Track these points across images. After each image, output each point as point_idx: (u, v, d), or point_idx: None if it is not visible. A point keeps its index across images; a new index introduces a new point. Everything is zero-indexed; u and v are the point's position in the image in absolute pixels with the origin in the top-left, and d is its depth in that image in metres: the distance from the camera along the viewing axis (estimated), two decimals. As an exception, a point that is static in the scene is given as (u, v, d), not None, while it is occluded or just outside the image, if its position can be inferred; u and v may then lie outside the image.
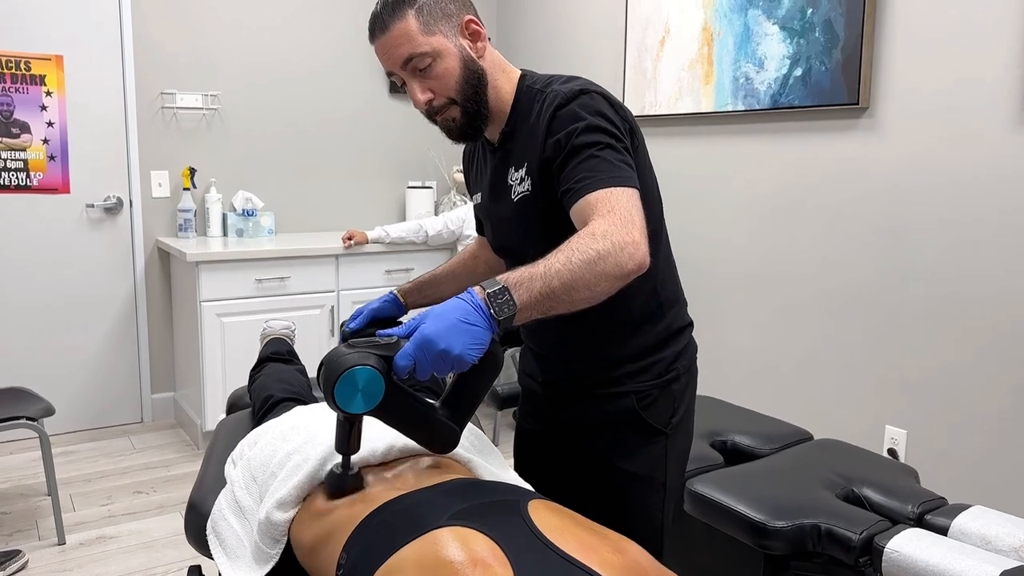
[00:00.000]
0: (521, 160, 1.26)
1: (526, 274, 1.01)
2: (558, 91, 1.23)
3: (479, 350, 0.96)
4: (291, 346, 2.23)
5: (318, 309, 3.68)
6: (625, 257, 1.04)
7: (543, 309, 1.01)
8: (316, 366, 1.08)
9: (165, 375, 3.92)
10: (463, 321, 0.95)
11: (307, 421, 1.28)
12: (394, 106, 4.29)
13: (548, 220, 1.23)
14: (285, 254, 3.59)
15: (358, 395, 0.98)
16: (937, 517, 1.76)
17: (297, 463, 1.17)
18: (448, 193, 4.35)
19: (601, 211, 1.09)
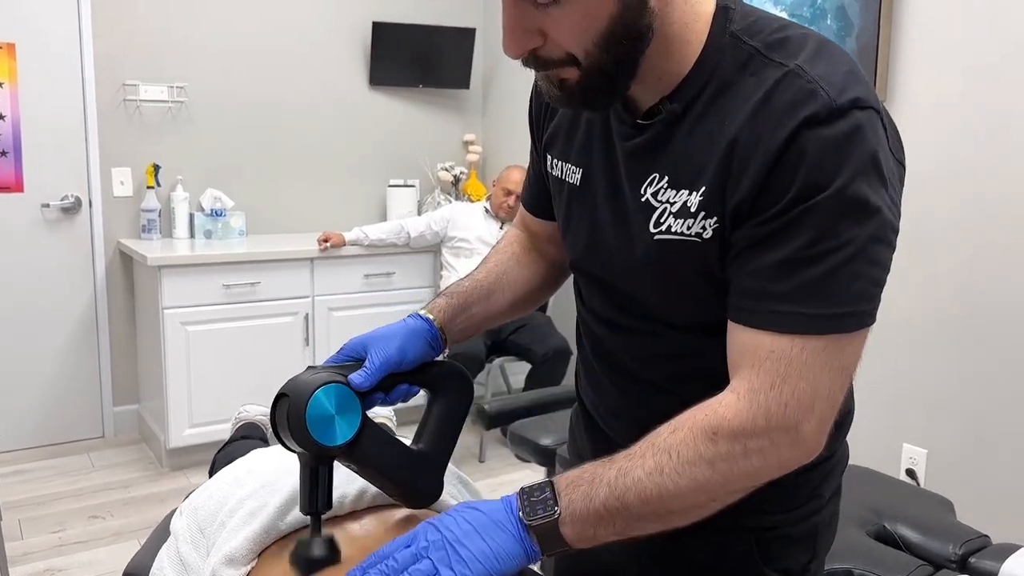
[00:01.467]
0: (692, 173, 0.77)
1: (587, 474, 0.74)
2: (806, 82, 0.70)
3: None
4: (264, 434, 2.02)
5: (291, 316, 3.44)
6: (773, 473, 0.73)
7: (615, 528, 0.73)
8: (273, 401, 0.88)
9: (128, 386, 3.67)
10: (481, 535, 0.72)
11: (266, 464, 1.06)
12: (375, 98, 4.06)
13: (712, 282, 0.79)
14: (256, 257, 3.35)
15: (334, 421, 0.81)
16: (984, 560, 1.56)
17: (251, 511, 0.95)
18: (432, 192, 4.12)
19: (767, 380, 0.70)
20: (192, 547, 1.01)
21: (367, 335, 0.89)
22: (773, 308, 0.71)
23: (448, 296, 1.01)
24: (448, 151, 4.26)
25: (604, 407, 1.00)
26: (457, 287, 1.03)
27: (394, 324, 0.92)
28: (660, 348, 0.89)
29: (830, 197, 0.68)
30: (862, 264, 0.70)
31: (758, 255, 0.72)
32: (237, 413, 2.14)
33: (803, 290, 0.70)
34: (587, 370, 1.02)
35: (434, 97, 4.20)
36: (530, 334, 3.35)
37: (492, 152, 4.30)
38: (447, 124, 4.27)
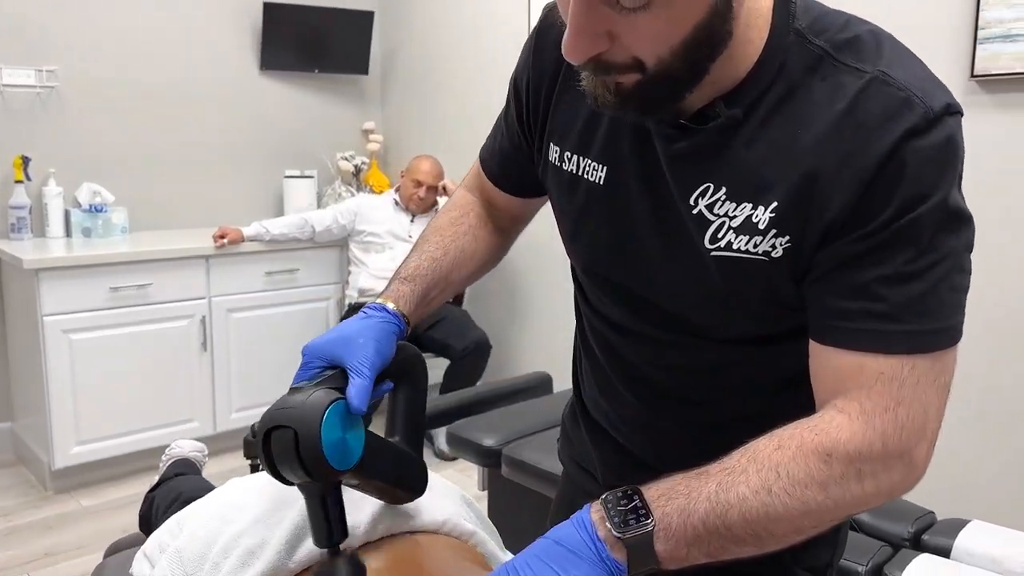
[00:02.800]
0: (758, 186, 0.70)
1: (682, 486, 0.67)
2: (897, 90, 0.66)
3: None
4: (199, 471, 1.85)
5: (186, 320, 3.20)
6: (883, 499, 0.68)
7: (709, 549, 0.66)
8: (259, 430, 0.75)
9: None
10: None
11: (254, 496, 0.94)
12: (266, 84, 3.82)
13: (773, 299, 0.74)
14: (145, 256, 3.08)
15: (345, 441, 0.74)
16: (936, 537, 1.61)
17: (249, 549, 0.84)
18: (332, 183, 3.93)
19: (880, 403, 0.66)
20: None
21: (331, 340, 0.80)
22: (878, 328, 0.66)
23: (410, 283, 0.92)
24: (347, 140, 4.08)
25: (619, 417, 0.93)
26: (417, 270, 0.93)
27: (357, 322, 0.83)
28: (694, 360, 0.83)
29: (931, 210, 0.65)
30: (957, 275, 0.68)
31: (854, 273, 0.67)
32: (168, 449, 1.98)
33: (908, 307, 0.66)
34: (598, 378, 0.95)
35: (331, 83, 4.01)
36: (448, 329, 3.25)
37: (394, 141, 4.15)
38: (345, 112, 4.09)
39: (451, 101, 3.78)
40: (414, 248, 0.98)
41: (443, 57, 3.80)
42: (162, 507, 1.43)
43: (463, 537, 0.93)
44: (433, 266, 0.94)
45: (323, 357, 0.79)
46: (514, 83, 0.94)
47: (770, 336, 0.78)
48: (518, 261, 3.55)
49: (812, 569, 0.91)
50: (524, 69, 0.91)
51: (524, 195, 1.00)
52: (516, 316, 3.61)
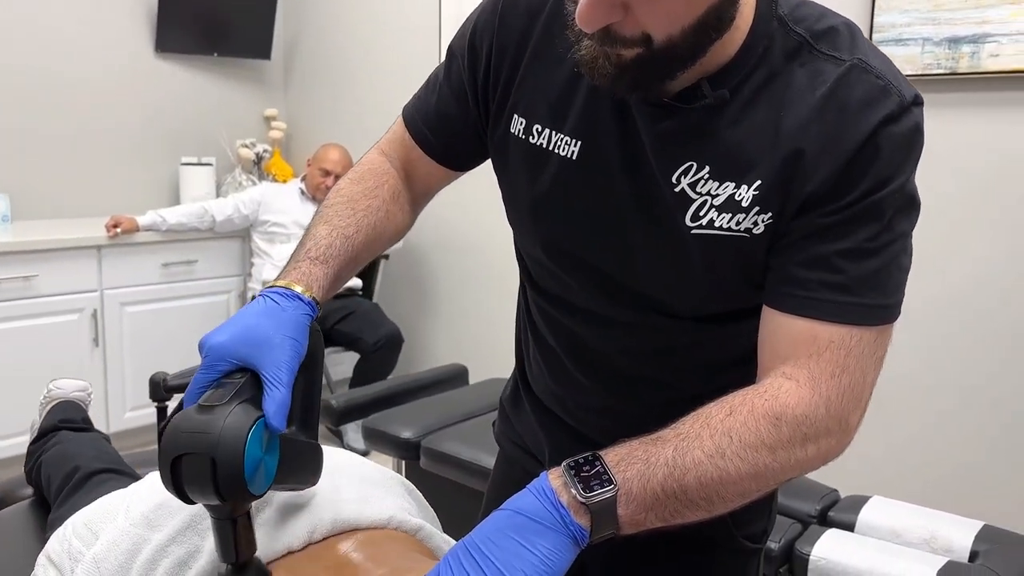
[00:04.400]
0: (741, 166, 0.73)
1: (639, 451, 0.68)
2: (875, 78, 0.70)
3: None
4: (86, 413, 1.71)
5: (76, 314, 3.01)
6: (819, 463, 0.71)
7: (665, 512, 0.68)
8: (166, 452, 0.67)
9: None
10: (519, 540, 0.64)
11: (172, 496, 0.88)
12: (162, 67, 3.64)
13: (748, 276, 0.76)
14: (30, 247, 2.88)
15: (263, 464, 0.68)
16: (841, 513, 1.69)
17: (179, 559, 0.79)
18: (232, 172, 3.79)
19: (827, 369, 0.69)
20: None
21: (240, 338, 0.70)
22: (834, 298, 0.70)
23: (323, 264, 0.82)
24: (248, 127, 3.93)
25: (576, 403, 0.93)
26: (329, 249, 0.84)
27: (267, 315, 0.73)
28: (659, 342, 0.84)
29: (894, 192, 0.70)
30: (904, 257, 0.73)
31: (817, 245, 0.71)
32: (46, 392, 1.76)
33: (863, 281, 0.70)
34: (550, 365, 0.94)
35: (231, 68, 3.86)
36: (358, 322, 3.19)
37: (297, 129, 4.03)
38: (246, 98, 3.94)
39: (357, 89, 3.71)
40: (320, 218, 0.87)
41: (349, 43, 3.72)
42: (55, 479, 1.29)
43: (409, 532, 0.90)
44: (346, 245, 0.85)
45: (230, 359, 0.70)
46: (470, 46, 0.88)
47: (737, 314, 0.80)
48: (429, 252, 3.52)
49: (750, 536, 0.95)
50: (486, 32, 0.86)
51: (452, 165, 0.95)
52: (427, 309, 3.58)
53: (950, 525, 1.59)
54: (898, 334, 0.75)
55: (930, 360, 2.29)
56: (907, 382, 2.30)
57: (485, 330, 3.32)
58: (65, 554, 0.91)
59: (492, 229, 3.19)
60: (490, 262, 3.28)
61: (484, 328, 3.33)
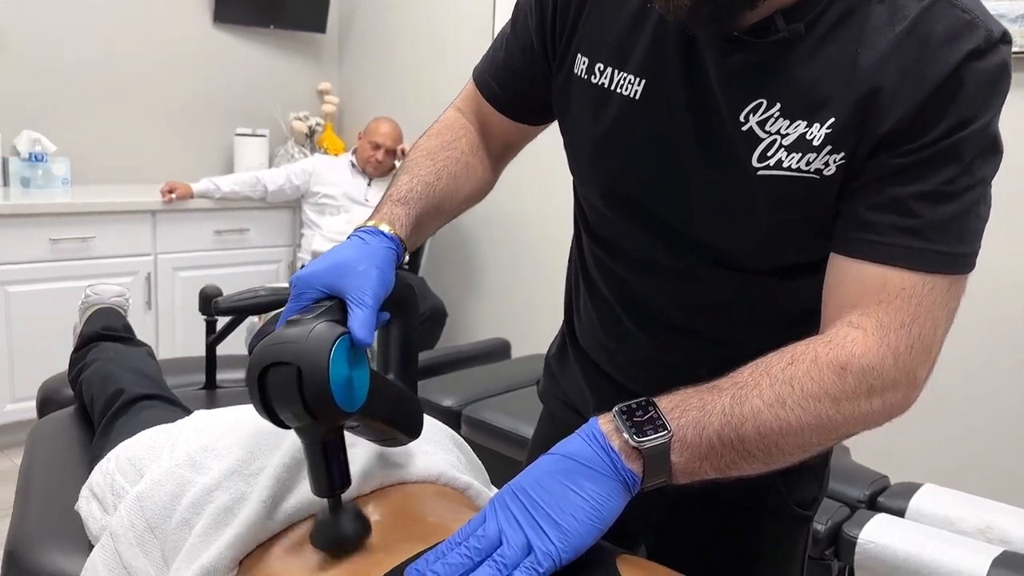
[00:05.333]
0: (815, 103, 0.70)
1: (695, 399, 0.66)
2: (961, 12, 0.66)
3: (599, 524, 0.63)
4: (126, 319, 1.72)
5: (130, 276, 3.08)
6: (883, 418, 0.68)
7: (721, 463, 0.66)
8: (253, 367, 0.66)
9: (-75, 358, 3.13)
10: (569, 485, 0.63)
11: (223, 436, 0.86)
12: (219, 37, 3.68)
13: (815, 222, 0.73)
14: (88, 208, 2.95)
15: (352, 380, 0.66)
16: (891, 499, 1.64)
17: (225, 505, 0.77)
18: (285, 144, 3.83)
19: (897, 318, 0.66)
20: (140, 551, 0.81)
21: (327, 268, 0.71)
22: (908, 244, 0.67)
23: (404, 205, 0.83)
24: (302, 100, 3.96)
25: (624, 356, 0.91)
26: (410, 192, 0.85)
27: (353, 247, 0.75)
28: (716, 294, 0.82)
29: (976, 133, 0.66)
30: (983, 205, 0.69)
31: (894, 187, 0.68)
32: (84, 298, 1.74)
33: (938, 227, 0.67)
34: (601, 315, 0.92)
35: (286, 40, 3.89)
36: (402, 294, 3.20)
37: (349, 104, 4.05)
38: (301, 70, 3.98)
39: (411, 64, 3.71)
40: (401, 171, 0.89)
41: (404, 18, 3.72)
42: (98, 401, 1.28)
43: (458, 490, 0.88)
44: (427, 191, 0.86)
45: (318, 287, 0.71)
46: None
47: (800, 268, 0.77)
48: (475, 228, 3.51)
49: (801, 503, 0.92)
50: None
51: (524, 119, 0.95)
52: (472, 284, 3.58)
53: (1007, 515, 1.54)
54: (963, 314, 0.71)
55: (995, 346, 2.20)
56: (970, 367, 2.22)
57: (528, 307, 3.31)
58: (108, 489, 0.91)
59: (538, 207, 3.17)
60: (535, 240, 3.26)
61: (528, 305, 3.31)
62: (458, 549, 0.62)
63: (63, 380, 1.57)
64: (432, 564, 0.61)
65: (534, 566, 0.60)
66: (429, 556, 0.62)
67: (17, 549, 0.97)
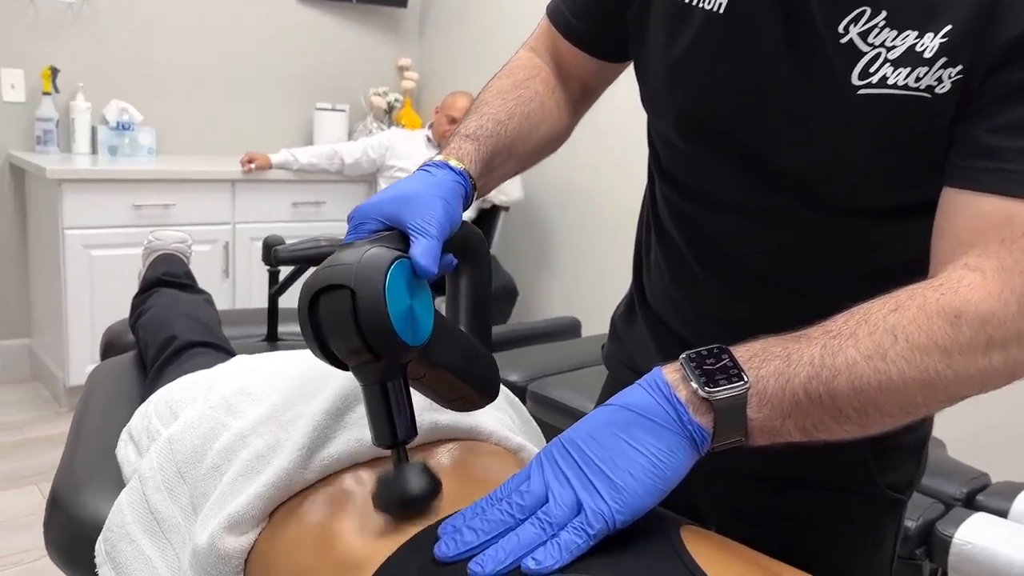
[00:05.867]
0: (926, 10, 0.61)
1: (777, 347, 0.58)
2: None
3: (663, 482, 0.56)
4: (188, 267, 1.70)
5: (209, 245, 3.12)
6: (1005, 379, 0.58)
7: (807, 422, 0.57)
8: (303, 296, 0.59)
9: (18, 318, 3.26)
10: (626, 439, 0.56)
11: (262, 382, 0.82)
12: (304, 13, 3.71)
13: (926, 149, 0.64)
14: (170, 176, 3.01)
15: (413, 311, 0.59)
16: (991, 499, 1.50)
17: (258, 452, 0.73)
18: (364, 119, 3.83)
19: (1023, 260, 0.57)
20: (167, 495, 0.77)
21: (388, 198, 0.65)
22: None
23: (474, 141, 0.75)
24: (382, 76, 3.96)
25: (697, 311, 0.82)
26: (480, 129, 0.77)
27: (418, 178, 0.68)
28: (805, 239, 0.72)
29: None
30: None
31: (1017, 107, 0.58)
32: (147, 243, 1.72)
33: None
34: (672, 266, 0.83)
35: (368, 15, 3.89)
36: (474, 271, 3.16)
37: (428, 80, 4.03)
38: (381, 46, 3.97)
39: (491, 41, 3.65)
40: (471, 111, 0.81)
41: (485, -7, 3.67)
42: (151, 347, 1.27)
43: (510, 450, 0.82)
44: (498, 129, 0.77)
45: (377, 218, 0.63)
46: None
47: (905, 208, 0.67)
48: (549, 206, 3.44)
49: (893, 485, 0.82)
50: None
51: (602, 54, 0.86)
52: (543, 263, 3.51)
53: None
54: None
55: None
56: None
57: (600, 286, 3.21)
58: (144, 432, 0.88)
59: (613, 186, 3.08)
60: (609, 219, 3.16)
61: (599, 284, 3.22)
62: (499, 505, 0.56)
63: (126, 325, 1.58)
64: (470, 520, 0.56)
65: (584, 526, 0.53)
66: (467, 512, 0.56)
67: (60, 493, 0.96)
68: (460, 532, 0.55)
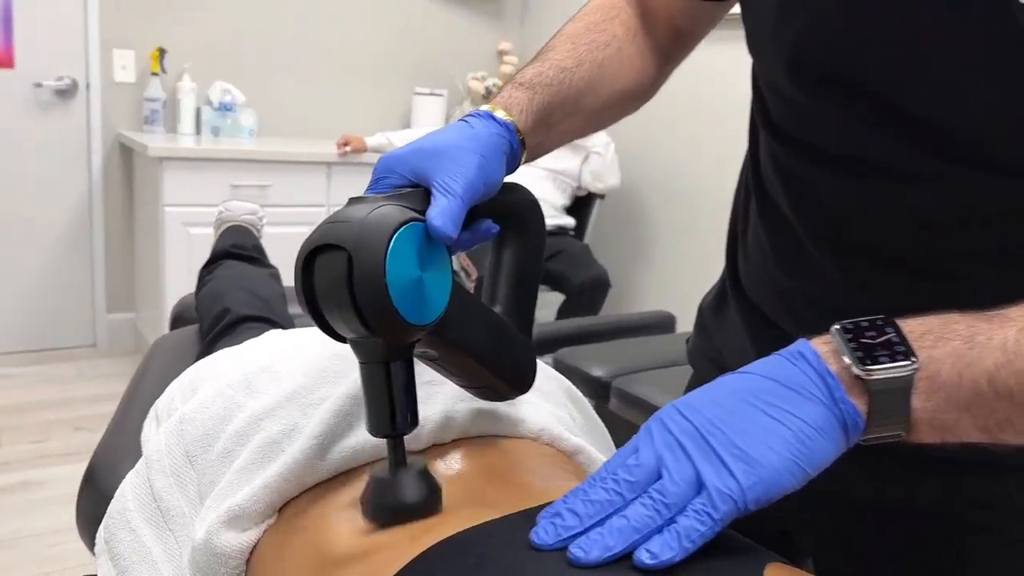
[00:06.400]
0: None
1: (959, 325, 0.47)
2: None
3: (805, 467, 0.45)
4: (257, 239, 1.67)
5: (305, 227, 3.11)
6: None
7: (991, 420, 0.46)
8: (300, 253, 0.50)
9: (123, 293, 3.38)
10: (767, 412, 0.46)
11: (289, 359, 0.74)
12: (404, -3, 3.69)
13: None
14: (268, 156, 3.04)
15: (422, 284, 0.50)
16: None
17: (272, 438, 0.64)
18: (461, 104, 3.77)
19: None
20: (174, 482, 0.69)
21: (416, 150, 0.55)
22: None
23: (528, 89, 0.64)
24: (481, 60, 3.89)
25: (808, 299, 0.67)
26: (538, 77, 0.66)
27: (454, 129, 0.58)
28: (955, 205, 0.56)
29: None
30: None
31: None
32: (218, 214, 1.69)
33: None
34: (777, 242, 0.68)
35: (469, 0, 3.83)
36: (565, 262, 3.05)
37: (529, 65, 3.94)
38: (481, 30, 3.91)
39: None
40: (533, 58, 0.70)
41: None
42: (206, 320, 1.24)
43: (565, 452, 0.70)
44: (561, 77, 0.66)
45: (402, 172, 0.55)
46: None
47: None
48: (648, 194, 3.29)
49: None
50: None
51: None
52: (640, 254, 3.36)
53: None
54: None
55: None
56: None
57: (699, 280, 3.02)
58: (166, 410, 0.81)
59: (719, 169, 2.90)
60: (714, 210, 2.98)
61: (698, 278, 3.03)
62: (603, 484, 0.47)
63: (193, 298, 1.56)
64: (570, 502, 0.47)
65: (706, 509, 0.44)
66: (568, 495, 0.48)
67: (95, 468, 0.91)
68: (560, 515, 0.46)
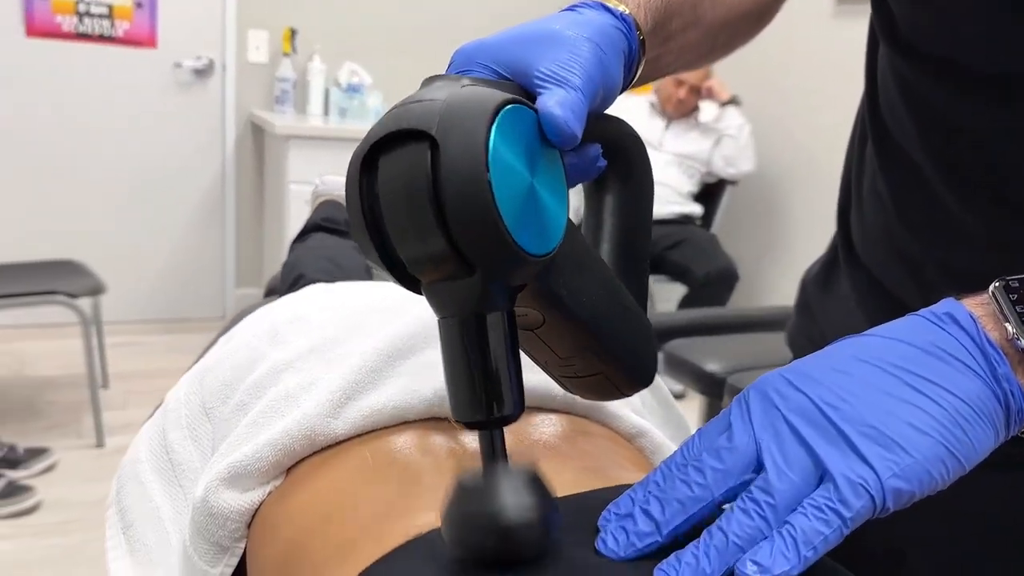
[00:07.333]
0: None
1: None
2: None
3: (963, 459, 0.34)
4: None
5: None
6: None
7: None
8: (356, 152, 0.32)
9: (252, 268, 3.49)
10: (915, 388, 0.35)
11: (325, 309, 0.66)
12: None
13: None
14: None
15: (532, 192, 0.33)
16: None
17: (288, 392, 0.55)
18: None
19: None
20: (188, 434, 0.62)
21: (511, 37, 0.41)
22: None
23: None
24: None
25: (940, 264, 0.54)
26: None
27: (557, 17, 0.41)
28: None
29: None
30: None
31: None
32: (315, 187, 1.63)
33: None
34: (901, 195, 0.55)
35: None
36: (690, 251, 2.88)
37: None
38: (613, 10, 3.77)
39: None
40: None
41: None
42: (283, 286, 1.21)
43: (622, 434, 0.57)
44: None
45: (486, 62, 0.40)
46: None
47: None
48: (781, 181, 3.06)
49: None
50: None
51: None
52: (772, 246, 3.14)
53: None
54: None
55: None
56: None
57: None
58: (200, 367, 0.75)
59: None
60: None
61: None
62: (684, 475, 0.35)
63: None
64: (643, 500, 0.36)
65: (832, 505, 0.32)
66: (638, 488, 0.37)
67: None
68: (632, 519, 0.35)
